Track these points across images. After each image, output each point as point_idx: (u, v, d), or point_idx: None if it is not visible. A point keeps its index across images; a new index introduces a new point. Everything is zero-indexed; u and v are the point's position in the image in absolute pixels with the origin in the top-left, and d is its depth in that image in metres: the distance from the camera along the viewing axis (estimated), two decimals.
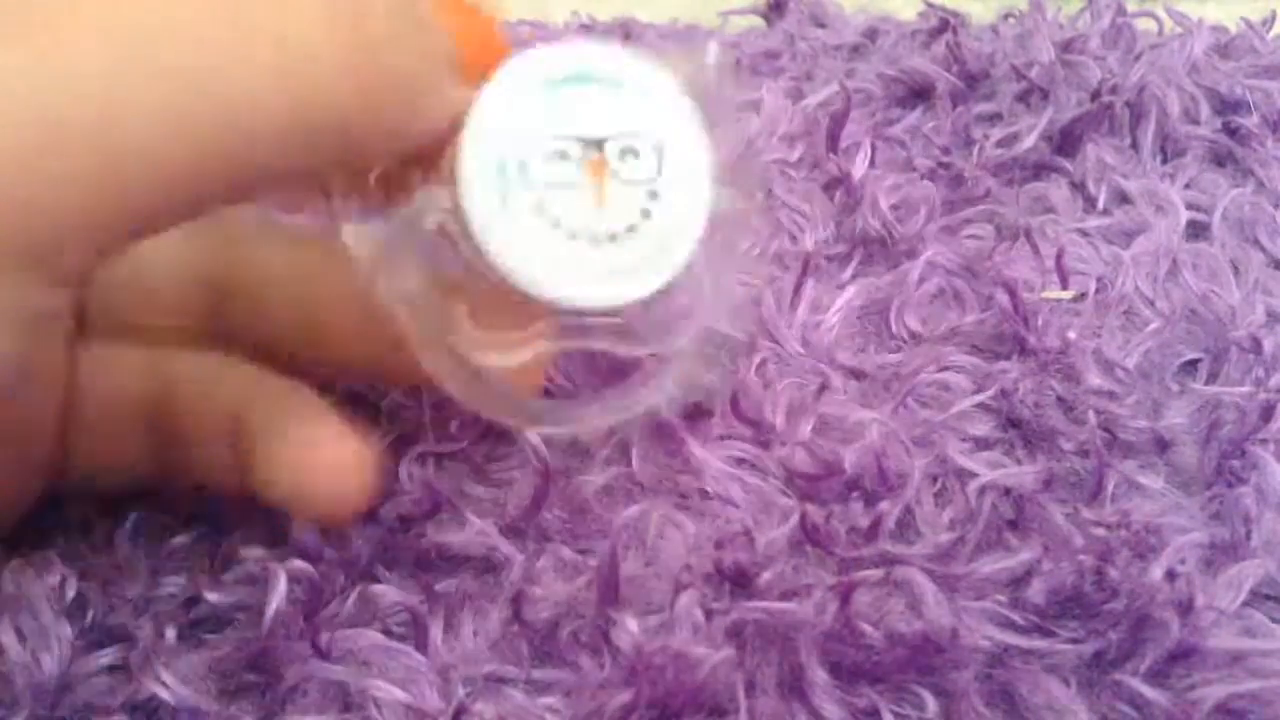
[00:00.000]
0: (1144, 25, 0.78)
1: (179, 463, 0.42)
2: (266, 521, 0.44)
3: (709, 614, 0.38)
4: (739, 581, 0.39)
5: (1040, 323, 0.52)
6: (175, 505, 0.46)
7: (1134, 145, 0.66)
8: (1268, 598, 0.41)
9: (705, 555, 0.40)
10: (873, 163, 0.64)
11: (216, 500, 0.46)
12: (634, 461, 0.46)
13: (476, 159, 0.33)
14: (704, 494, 0.45)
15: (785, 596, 0.38)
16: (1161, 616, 0.38)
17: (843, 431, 0.47)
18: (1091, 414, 0.46)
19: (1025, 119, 0.68)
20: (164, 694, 0.37)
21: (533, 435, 0.44)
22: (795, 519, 0.42)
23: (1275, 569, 0.41)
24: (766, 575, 0.39)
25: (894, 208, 0.60)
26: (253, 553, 0.43)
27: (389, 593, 0.43)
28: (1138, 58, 0.72)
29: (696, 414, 0.49)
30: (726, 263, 0.38)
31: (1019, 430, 0.48)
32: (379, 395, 0.49)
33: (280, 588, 0.39)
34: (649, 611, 0.39)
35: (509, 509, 0.44)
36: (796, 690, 0.37)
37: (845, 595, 0.37)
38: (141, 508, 0.46)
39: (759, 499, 0.44)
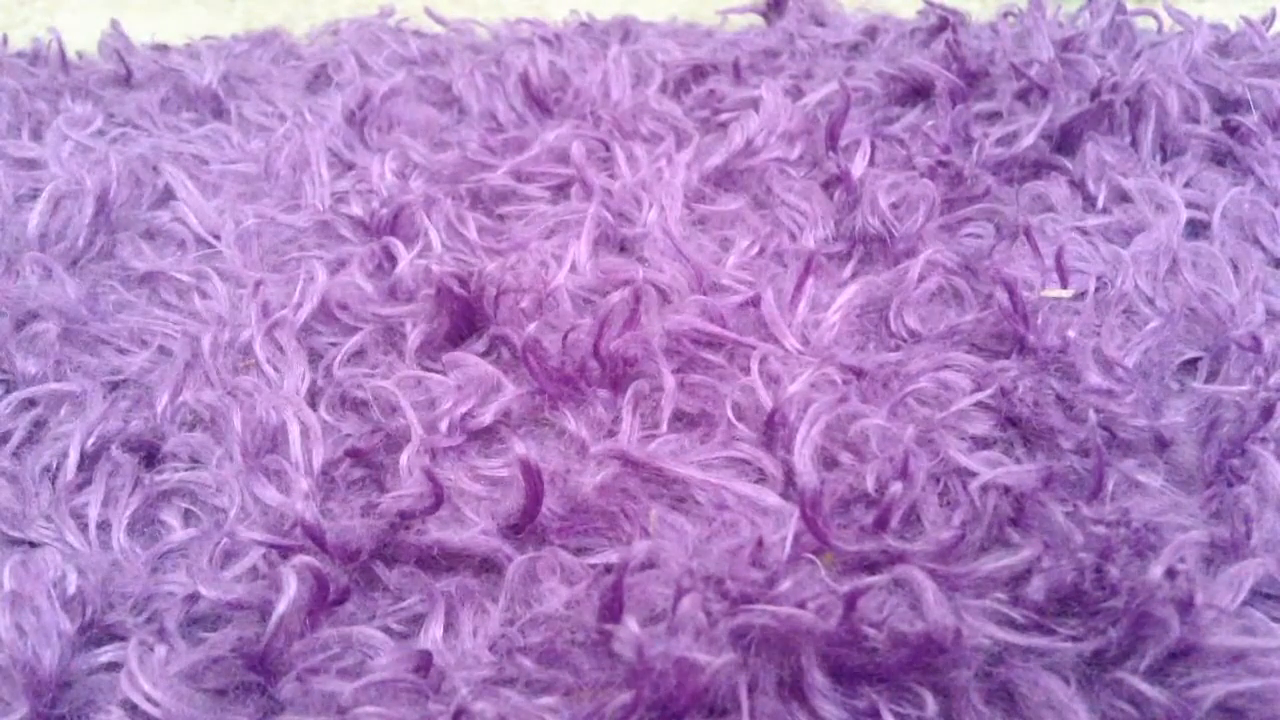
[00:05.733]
0: (1143, 23, 0.78)
1: None
2: (265, 518, 0.45)
3: (711, 617, 0.37)
4: (742, 586, 0.39)
5: (1040, 321, 0.52)
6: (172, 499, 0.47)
7: (1134, 144, 0.66)
8: (1267, 597, 0.41)
9: (706, 558, 0.40)
10: (872, 161, 0.64)
11: (215, 496, 0.46)
12: (631, 461, 0.46)
13: None
14: (704, 495, 0.45)
15: (789, 601, 0.38)
16: (1161, 615, 0.38)
17: (843, 431, 0.47)
18: (1091, 413, 0.46)
19: (1025, 117, 0.68)
20: (151, 709, 0.38)
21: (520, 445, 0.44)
22: (797, 521, 0.42)
23: (1275, 568, 0.41)
24: (769, 579, 0.39)
25: (893, 206, 0.60)
26: (253, 550, 0.43)
27: (389, 591, 0.43)
28: (1137, 56, 0.72)
29: (696, 414, 0.49)
30: None
31: (1018, 429, 0.48)
32: (374, 394, 0.50)
33: (290, 591, 0.39)
34: (651, 615, 0.39)
35: (506, 507, 0.44)
36: (797, 692, 0.37)
37: (850, 601, 0.37)
38: (141, 503, 0.47)
39: (760, 501, 0.44)
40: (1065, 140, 0.67)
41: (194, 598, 0.41)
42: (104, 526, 0.46)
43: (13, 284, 0.57)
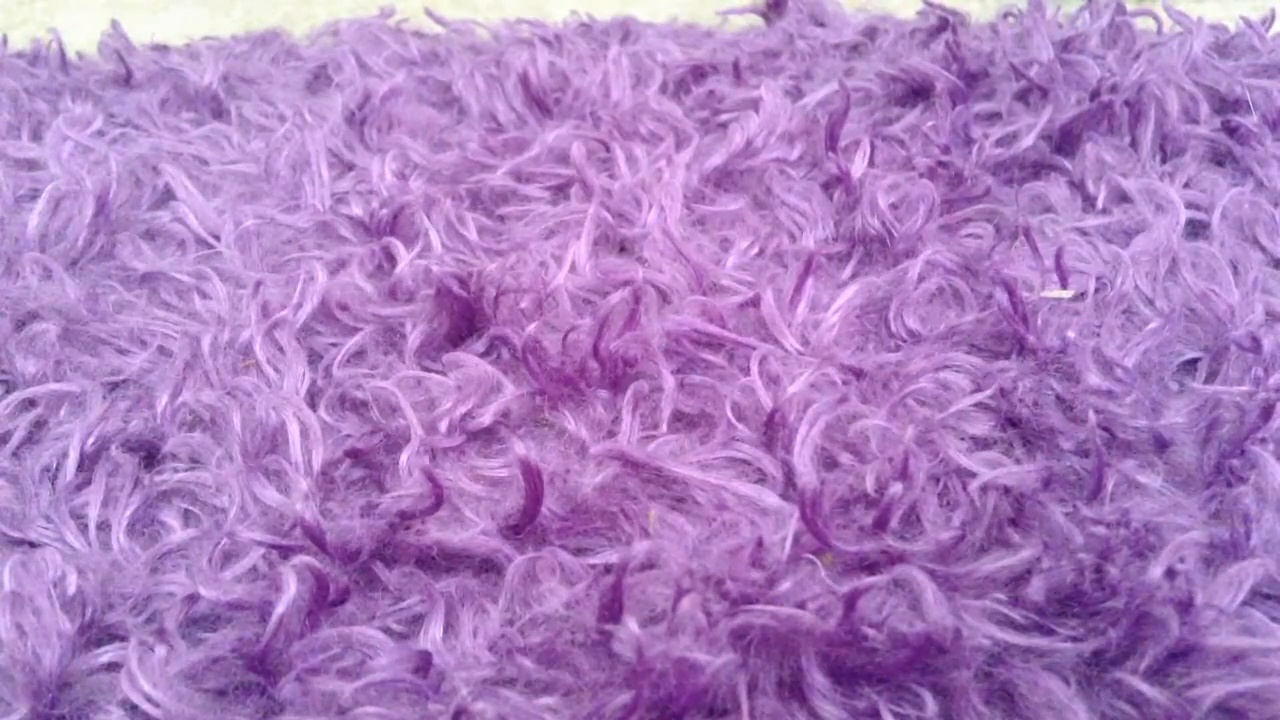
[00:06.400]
0: (1143, 24, 0.78)
1: None
2: (265, 518, 0.45)
3: (711, 618, 0.37)
4: (742, 587, 0.39)
5: (1039, 322, 0.52)
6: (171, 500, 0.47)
7: (1133, 144, 0.66)
8: (1267, 597, 0.41)
9: (706, 559, 0.40)
10: (872, 161, 0.64)
11: (215, 496, 0.46)
12: (631, 461, 0.46)
13: None
14: (704, 495, 0.45)
15: (789, 601, 0.38)
16: (1161, 615, 0.38)
17: (843, 431, 0.47)
18: (1091, 413, 0.46)
19: (1024, 118, 0.68)
20: (151, 709, 0.38)
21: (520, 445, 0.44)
22: (797, 521, 0.42)
23: (1275, 568, 0.41)
24: (769, 580, 0.39)
25: (893, 207, 0.60)
26: (253, 550, 0.43)
27: (389, 591, 0.43)
28: (1137, 56, 0.72)
29: (696, 414, 0.49)
30: None
31: (1018, 429, 0.48)
32: (374, 394, 0.50)
33: (289, 591, 0.39)
34: (651, 615, 0.39)
35: (506, 507, 0.44)
36: (797, 692, 0.37)
37: (850, 601, 0.37)
38: (141, 503, 0.47)
39: (760, 501, 0.44)
40: (1065, 141, 0.67)
41: (194, 598, 0.41)
42: (104, 526, 0.46)
43: (13, 284, 0.57)
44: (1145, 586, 0.38)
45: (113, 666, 0.40)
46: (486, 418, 0.49)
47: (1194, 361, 0.52)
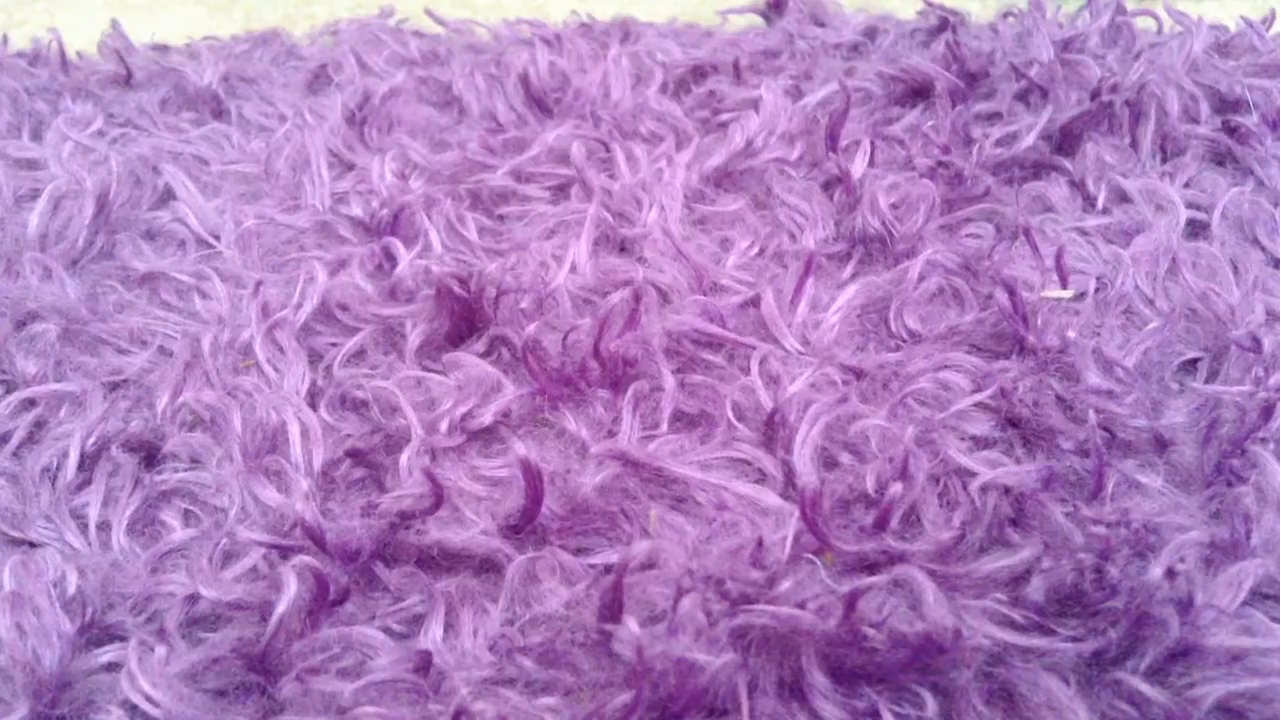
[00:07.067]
0: (1143, 24, 0.78)
1: None
2: (265, 518, 0.45)
3: (711, 617, 0.37)
4: (742, 586, 0.39)
5: (1040, 322, 0.52)
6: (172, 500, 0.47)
7: (1133, 144, 0.66)
8: (1267, 597, 0.41)
9: (706, 558, 0.40)
10: (872, 161, 0.64)
11: (215, 496, 0.46)
12: (631, 461, 0.46)
13: None
14: (704, 495, 0.45)
15: (789, 601, 0.38)
16: (1161, 615, 0.38)
17: (843, 431, 0.47)
18: (1091, 413, 0.46)
19: (1025, 118, 0.68)
20: (151, 709, 0.38)
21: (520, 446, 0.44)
22: (797, 521, 0.42)
23: (1275, 568, 0.41)
24: (769, 579, 0.39)
25: (893, 207, 0.60)
26: (253, 550, 0.43)
27: (389, 591, 0.43)
28: (1137, 56, 0.72)
29: (696, 414, 0.49)
30: None
31: (1018, 429, 0.48)
32: (374, 394, 0.50)
33: (290, 591, 0.39)
34: (651, 615, 0.39)
35: (506, 507, 0.44)
36: (797, 692, 0.37)
37: (850, 601, 0.37)
38: (141, 503, 0.47)
39: (760, 501, 0.44)
40: (1065, 141, 0.67)
41: (194, 598, 0.41)
42: (104, 526, 0.46)
43: (13, 284, 0.57)
44: (1145, 586, 0.38)
45: (113, 666, 0.40)
46: (486, 418, 0.49)
47: (1194, 361, 0.52)
